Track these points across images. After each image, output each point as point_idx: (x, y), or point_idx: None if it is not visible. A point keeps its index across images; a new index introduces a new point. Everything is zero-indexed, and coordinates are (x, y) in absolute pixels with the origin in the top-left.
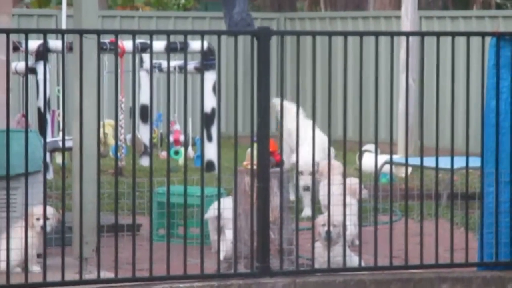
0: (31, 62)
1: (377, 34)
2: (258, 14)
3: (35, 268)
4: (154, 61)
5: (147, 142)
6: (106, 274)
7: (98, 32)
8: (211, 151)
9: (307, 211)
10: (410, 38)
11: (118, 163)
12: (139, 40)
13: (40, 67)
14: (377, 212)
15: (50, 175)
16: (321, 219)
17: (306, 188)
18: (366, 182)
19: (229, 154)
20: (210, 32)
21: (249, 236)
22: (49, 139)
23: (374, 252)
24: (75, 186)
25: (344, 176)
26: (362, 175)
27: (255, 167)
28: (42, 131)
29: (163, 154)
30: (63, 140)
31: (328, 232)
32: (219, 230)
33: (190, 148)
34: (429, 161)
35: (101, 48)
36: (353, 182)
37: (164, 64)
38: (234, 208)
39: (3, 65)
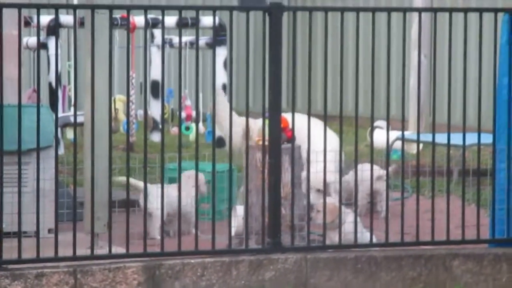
0: (42, 37)
1: (389, 10)
2: None
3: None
4: (166, 36)
5: (158, 118)
6: (118, 249)
7: (110, 8)
8: None
9: None
10: (422, 14)
11: (129, 138)
12: (151, 15)
13: (51, 42)
14: (388, 188)
15: (61, 150)
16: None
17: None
18: (377, 158)
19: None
20: (221, 8)
21: (260, 212)
22: (60, 114)
23: (386, 228)
24: (86, 162)
25: (356, 154)
26: (373, 152)
27: (266, 143)
28: (53, 106)
29: (174, 129)
30: (75, 115)
31: (340, 212)
32: (230, 207)
33: (201, 124)
34: (441, 138)
35: (112, 24)
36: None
37: (175, 39)
38: (245, 184)
39: (15, 40)
